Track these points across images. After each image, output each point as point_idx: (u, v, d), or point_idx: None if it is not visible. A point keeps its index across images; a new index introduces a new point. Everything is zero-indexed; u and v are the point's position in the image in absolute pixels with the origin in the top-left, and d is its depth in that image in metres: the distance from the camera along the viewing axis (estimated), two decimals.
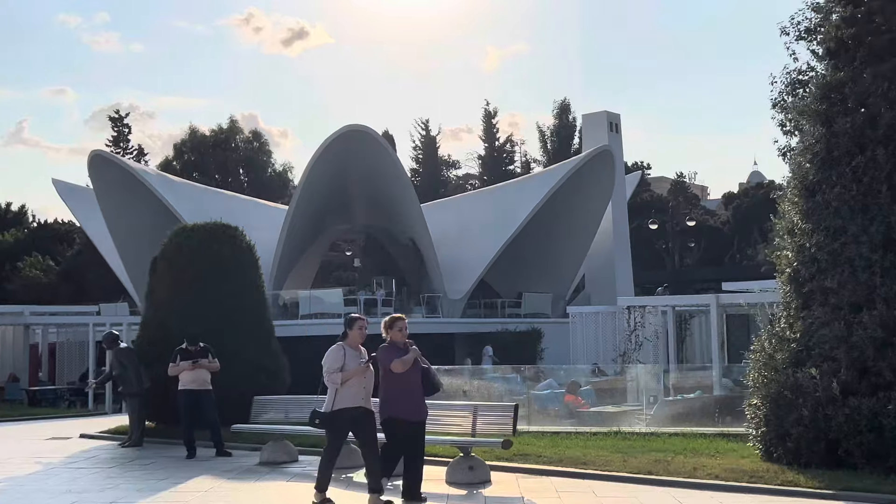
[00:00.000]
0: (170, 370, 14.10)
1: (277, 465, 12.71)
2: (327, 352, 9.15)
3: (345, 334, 9.18)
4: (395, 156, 34.86)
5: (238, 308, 16.79)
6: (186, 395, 13.95)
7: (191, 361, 14.02)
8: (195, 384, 13.97)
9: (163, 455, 14.15)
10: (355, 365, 9.05)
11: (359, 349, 9.22)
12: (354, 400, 9.06)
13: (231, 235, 17.37)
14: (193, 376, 13.96)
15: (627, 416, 18.34)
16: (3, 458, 14.06)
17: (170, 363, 14.14)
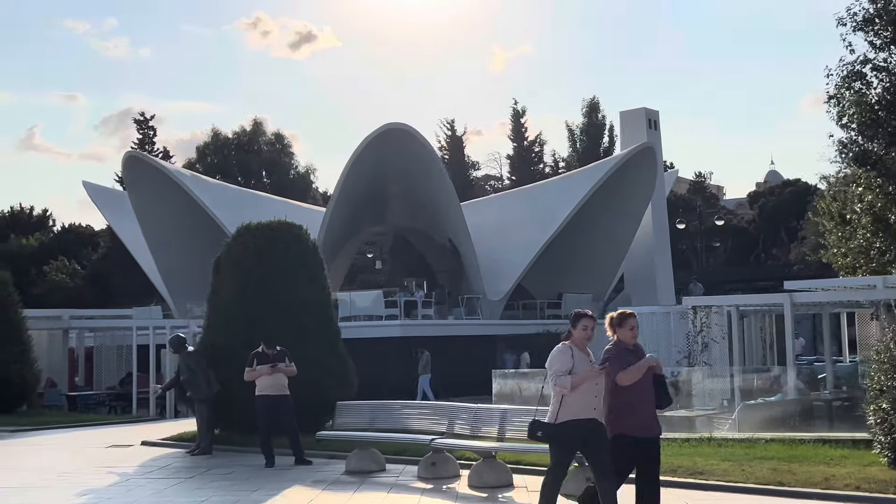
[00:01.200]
0: (246, 375, 13.32)
1: (365, 474, 12.07)
2: (551, 353, 7.86)
3: (568, 333, 7.88)
4: (435, 154, 34.25)
5: (305, 309, 16.17)
6: (264, 400, 13.22)
7: (269, 366, 13.27)
8: (273, 389, 13.21)
9: (238, 463, 13.52)
10: (585, 368, 7.66)
11: (587, 351, 7.89)
12: (584, 410, 7.61)
13: (296, 234, 16.76)
14: (271, 381, 13.22)
15: (704, 421, 17.64)
16: (72, 468, 13.48)
17: (246, 367, 13.35)
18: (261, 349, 13.49)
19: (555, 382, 7.63)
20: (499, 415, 11.08)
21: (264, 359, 13.41)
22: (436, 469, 11.47)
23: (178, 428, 18.15)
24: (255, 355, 13.44)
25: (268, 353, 13.45)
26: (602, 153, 58.08)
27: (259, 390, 13.29)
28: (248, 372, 13.35)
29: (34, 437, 18.38)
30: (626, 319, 7.88)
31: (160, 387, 16.41)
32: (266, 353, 13.47)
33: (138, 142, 62.73)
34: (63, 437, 18.21)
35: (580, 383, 7.58)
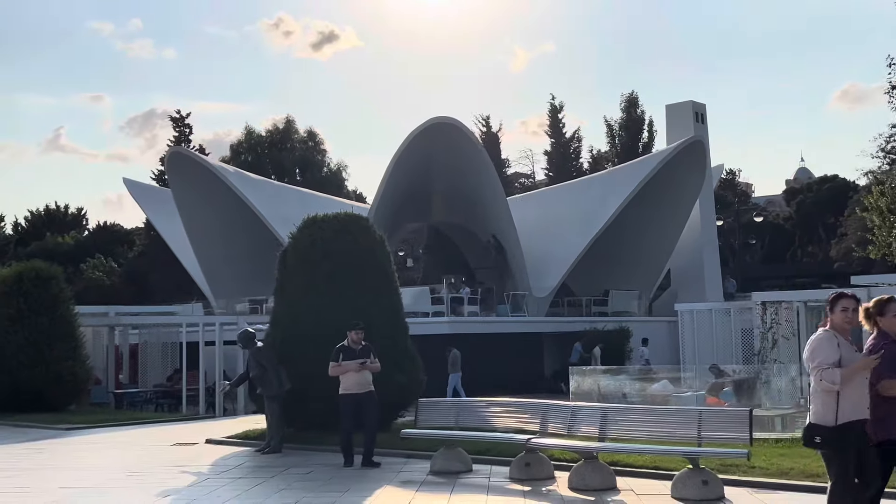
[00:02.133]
0: (331, 370, 12.60)
1: (453, 474, 11.53)
2: (811, 342, 6.73)
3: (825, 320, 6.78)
4: (482, 149, 33.69)
5: (374, 304, 15.67)
6: (349, 399, 12.53)
7: (358, 362, 12.57)
8: (358, 387, 12.54)
9: (314, 463, 13.03)
10: (853, 359, 6.57)
11: (849, 338, 6.71)
12: (861, 409, 6.55)
13: (364, 226, 16.27)
14: (357, 378, 12.55)
15: (784, 420, 17.01)
16: (141, 467, 13.06)
17: (330, 362, 12.66)
18: (346, 342, 12.77)
19: (821, 377, 6.53)
20: (599, 413, 10.53)
21: (350, 354, 12.69)
22: (530, 470, 10.93)
23: (236, 426, 17.77)
24: (339, 350, 12.70)
25: (354, 348, 12.69)
26: (641, 148, 57.29)
27: (343, 388, 12.60)
28: (332, 367, 12.63)
29: (91, 435, 18.01)
30: (887, 305, 6.76)
31: (228, 383, 15.95)
32: (352, 347, 12.70)
33: (174, 139, 62.59)
34: (121, 436, 17.81)
35: (852, 376, 6.52)
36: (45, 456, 14.61)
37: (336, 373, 12.63)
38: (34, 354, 21.45)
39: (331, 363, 12.65)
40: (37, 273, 22.28)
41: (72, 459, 14.25)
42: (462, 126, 32.73)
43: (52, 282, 22.48)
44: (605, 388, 17.43)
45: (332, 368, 12.65)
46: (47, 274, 22.54)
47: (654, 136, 57.66)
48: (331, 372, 12.63)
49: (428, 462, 12.47)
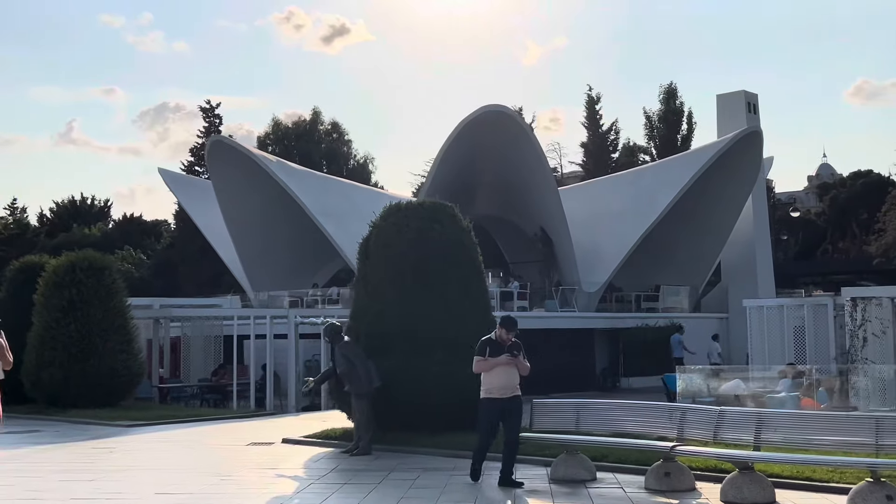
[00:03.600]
0: (477, 366, 10.78)
1: (577, 483, 10.56)
2: None
3: None
4: (535, 138, 32.66)
5: (464, 297, 14.74)
6: (492, 405, 10.72)
7: (507, 355, 10.69)
8: (504, 390, 10.70)
9: (413, 466, 12.08)
10: None
11: None
12: None
13: (451, 214, 15.29)
14: (505, 380, 10.69)
15: None
16: (230, 469, 12.17)
17: (475, 357, 10.81)
18: (493, 335, 10.94)
19: None
20: (753, 418, 9.55)
21: (498, 349, 10.77)
22: (670, 480, 9.95)
23: (304, 424, 16.90)
24: (487, 343, 10.87)
25: (501, 342, 10.84)
26: (680, 141, 56.14)
27: (486, 391, 10.81)
28: (478, 362, 10.80)
29: (155, 432, 17.12)
30: None
31: (312, 379, 15.01)
32: (501, 341, 10.85)
33: (204, 130, 61.82)
34: (186, 434, 16.92)
35: None
36: (121, 456, 13.73)
37: (482, 368, 10.80)
38: (87, 347, 20.59)
39: (475, 358, 10.85)
40: (90, 263, 21.40)
41: (151, 460, 13.36)
42: (514, 114, 31.79)
43: (105, 272, 21.61)
44: (718, 390, 16.39)
45: (477, 364, 10.82)
46: (100, 264, 21.67)
47: (693, 128, 56.51)
48: (476, 368, 10.84)
49: (539, 469, 11.55)
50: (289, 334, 26.99)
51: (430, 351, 14.16)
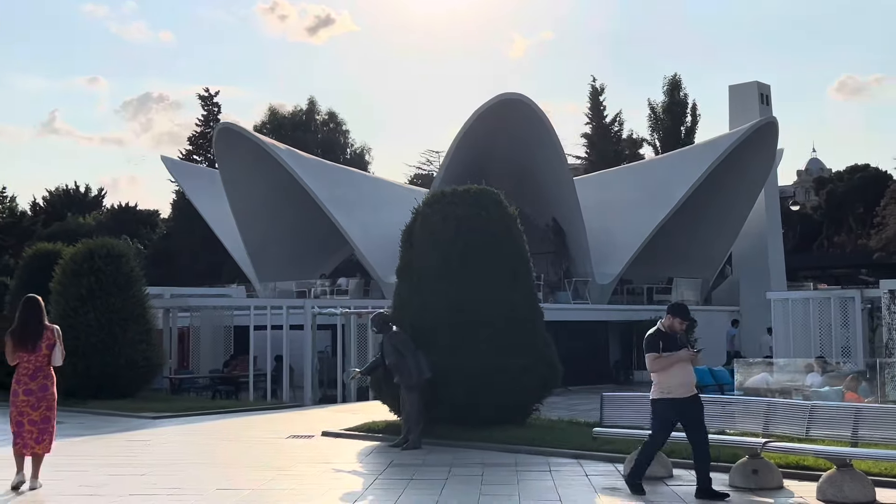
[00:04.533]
0: (653, 363, 9.38)
1: (656, 480, 10.12)
2: None
3: None
4: (552, 128, 32.18)
5: (513, 286, 14.29)
6: (671, 406, 9.34)
7: (691, 351, 9.54)
8: (684, 389, 9.36)
9: (471, 462, 11.59)
10: None
11: None
12: None
13: (497, 201, 14.82)
14: (684, 377, 9.37)
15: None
16: (282, 464, 11.64)
17: (647, 353, 9.42)
18: (661, 326, 9.53)
19: None
20: (851, 414, 9.13)
21: (672, 342, 9.42)
22: (758, 478, 9.52)
23: (331, 416, 16.40)
24: (658, 336, 9.42)
25: (674, 333, 9.51)
26: (684, 133, 55.81)
27: (664, 390, 9.38)
28: (653, 359, 9.38)
29: (185, 424, 16.59)
30: None
31: (358, 370, 14.50)
32: (672, 332, 9.52)
33: (203, 118, 61.09)
34: (218, 426, 16.40)
35: None
36: (161, 449, 13.22)
37: (661, 367, 9.37)
38: (106, 337, 20.02)
39: (649, 355, 9.45)
40: (108, 250, 20.83)
41: (195, 454, 12.83)
42: (532, 103, 31.24)
43: (124, 259, 21.05)
44: (780, 384, 15.97)
45: (654, 362, 9.39)
46: (118, 251, 21.11)
47: (697, 119, 56.17)
48: (654, 367, 9.43)
49: (605, 465, 11.13)
50: (305, 325, 26.50)
51: (478, 342, 13.70)
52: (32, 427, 10.06)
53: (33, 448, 10.07)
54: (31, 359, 10.13)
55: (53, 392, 10.26)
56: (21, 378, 10.11)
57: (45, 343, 10.17)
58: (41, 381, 10.14)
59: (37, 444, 10.06)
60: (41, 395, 10.10)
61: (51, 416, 10.19)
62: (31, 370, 10.14)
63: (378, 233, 35.09)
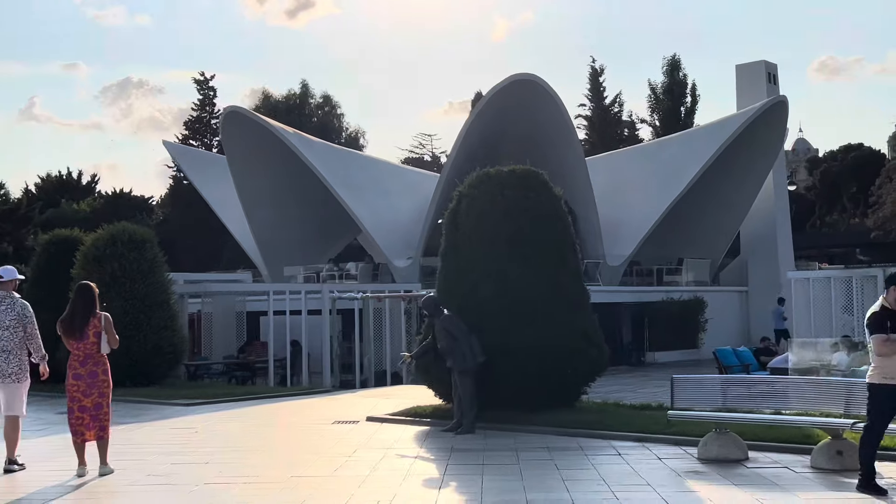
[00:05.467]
0: (882, 348, 8.27)
1: (731, 463, 9.99)
2: None
3: None
4: (565, 109, 31.99)
5: (560, 267, 14.10)
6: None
7: None
8: None
9: (535, 446, 11.42)
10: None
11: None
12: None
13: (544, 181, 14.63)
14: None
15: None
16: (343, 449, 11.43)
17: (873, 335, 8.37)
18: (882, 301, 8.52)
19: None
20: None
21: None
22: (843, 459, 9.39)
23: (365, 402, 16.23)
24: (884, 316, 8.40)
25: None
26: (684, 114, 55.72)
27: (889, 375, 8.35)
28: (883, 343, 8.28)
29: (222, 411, 16.31)
30: None
31: (408, 354, 14.27)
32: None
33: (199, 103, 60.49)
34: (258, 412, 16.15)
35: None
36: (212, 437, 12.97)
37: (892, 350, 8.27)
38: (131, 324, 19.65)
39: (875, 337, 8.37)
40: (130, 236, 20.49)
41: (250, 441, 12.55)
42: (544, 84, 31.04)
43: (147, 245, 20.72)
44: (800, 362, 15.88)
45: (883, 345, 8.30)
46: (141, 236, 20.77)
47: (697, 100, 56.05)
48: (882, 349, 8.32)
49: (673, 448, 10.98)
50: (323, 310, 26.31)
51: (528, 325, 13.51)
52: (83, 414, 9.94)
53: (84, 435, 9.92)
54: (80, 346, 10.04)
55: (105, 379, 10.13)
56: (71, 364, 10.07)
57: (91, 331, 10.06)
58: (90, 368, 10.03)
59: (88, 430, 9.91)
60: (90, 382, 9.99)
61: (103, 403, 10.04)
62: (80, 357, 10.05)
63: (387, 216, 34.94)
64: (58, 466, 10.58)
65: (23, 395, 10.49)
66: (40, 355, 10.45)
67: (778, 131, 35.36)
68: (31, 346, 10.37)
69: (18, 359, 10.27)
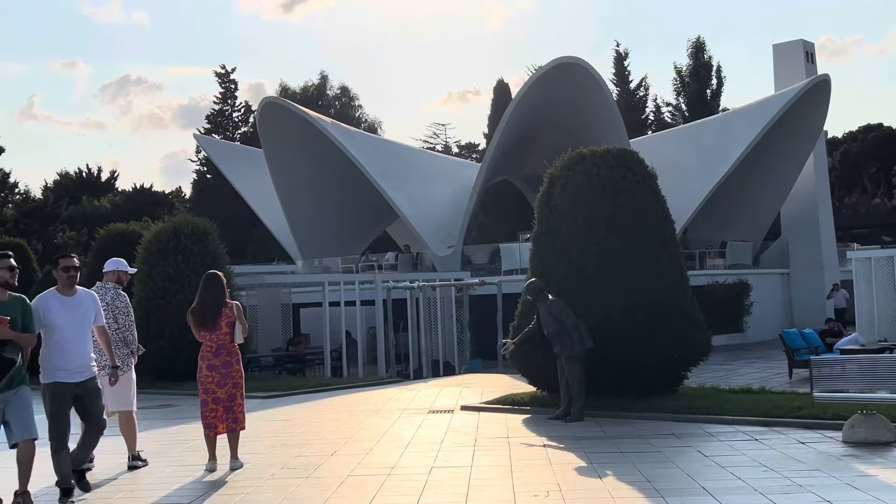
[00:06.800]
0: None
1: (880, 445, 9.64)
2: None
3: None
4: (610, 93, 31.56)
5: (661, 249, 13.74)
6: None
7: None
8: None
9: (657, 433, 11.07)
10: None
11: None
12: None
13: (639, 161, 14.26)
14: None
15: None
16: (462, 439, 11.11)
17: None
18: None
19: None
20: None
21: None
22: None
23: (437, 391, 15.91)
24: None
25: None
26: (710, 96, 55.22)
27: None
28: None
29: (303, 403, 16.03)
30: None
31: (511, 341, 13.90)
32: None
33: (220, 96, 60.03)
34: (343, 402, 15.81)
35: None
36: (310, 427, 12.63)
37: None
38: None
39: None
40: (192, 228, 20.23)
41: (363, 431, 12.16)
42: (590, 67, 30.58)
43: (210, 237, 20.44)
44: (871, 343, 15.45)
45: None
46: (203, 229, 20.49)
47: (723, 82, 55.54)
48: None
49: (808, 432, 10.63)
50: (376, 300, 26.02)
51: (631, 308, 13.17)
52: (217, 406, 9.63)
53: (217, 428, 9.62)
54: (213, 337, 9.70)
55: (239, 369, 9.81)
56: (204, 355, 9.74)
57: (224, 321, 9.72)
58: (224, 358, 9.71)
59: (221, 422, 9.61)
60: (225, 372, 9.67)
61: (237, 394, 9.73)
62: (213, 348, 9.72)
63: (425, 205, 34.57)
64: (173, 462, 10.30)
65: (129, 388, 10.18)
66: (132, 348, 10.19)
67: (821, 111, 34.87)
68: (123, 337, 10.07)
69: (119, 351, 9.95)
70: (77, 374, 8.25)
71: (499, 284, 26.75)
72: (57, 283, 8.55)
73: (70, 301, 8.37)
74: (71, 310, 8.32)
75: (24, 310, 7.78)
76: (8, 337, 7.56)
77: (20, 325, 7.68)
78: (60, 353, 8.18)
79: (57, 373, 8.14)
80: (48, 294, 8.37)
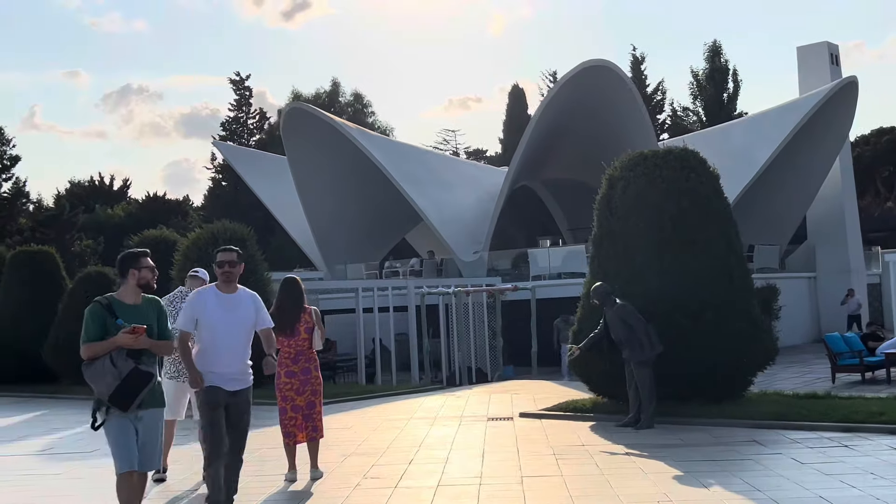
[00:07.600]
0: None
1: None
2: None
3: None
4: (638, 96, 31.29)
5: (728, 252, 13.43)
6: None
7: None
8: None
9: (735, 440, 10.81)
10: None
11: None
12: None
13: (702, 161, 13.93)
14: None
15: None
16: (541, 448, 10.82)
17: None
18: None
19: None
20: None
21: None
22: None
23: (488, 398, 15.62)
24: None
25: None
26: (726, 100, 54.96)
27: None
28: None
29: (354, 410, 15.76)
30: None
31: (576, 346, 13.57)
32: None
33: (235, 103, 59.90)
34: (395, 409, 15.55)
35: None
36: (383, 435, 12.35)
37: None
38: None
39: None
40: (231, 234, 19.94)
41: (429, 439, 11.90)
42: (618, 70, 30.35)
43: (247, 243, 20.15)
44: None
45: None
46: (240, 234, 20.20)
47: (739, 86, 55.28)
48: None
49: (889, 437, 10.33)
50: (409, 306, 25.76)
51: (698, 313, 12.86)
52: (296, 414, 9.36)
53: (296, 437, 9.35)
54: (291, 343, 9.43)
55: (318, 376, 9.54)
56: (283, 361, 9.42)
57: (303, 327, 9.45)
58: (303, 365, 9.44)
59: (300, 431, 9.34)
60: (304, 379, 9.40)
61: (316, 402, 9.46)
62: (292, 354, 9.45)
63: (449, 210, 34.32)
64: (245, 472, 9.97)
65: (180, 396, 9.84)
66: None
67: (847, 113, 34.57)
68: None
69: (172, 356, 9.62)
70: (230, 382, 7.48)
71: (532, 290, 26.47)
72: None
73: (228, 299, 7.55)
74: (228, 309, 7.50)
75: (159, 314, 6.74)
76: (145, 346, 6.48)
77: (156, 332, 6.65)
78: (211, 356, 7.41)
79: (209, 376, 7.38)
80: (209, 289, 7.63)
